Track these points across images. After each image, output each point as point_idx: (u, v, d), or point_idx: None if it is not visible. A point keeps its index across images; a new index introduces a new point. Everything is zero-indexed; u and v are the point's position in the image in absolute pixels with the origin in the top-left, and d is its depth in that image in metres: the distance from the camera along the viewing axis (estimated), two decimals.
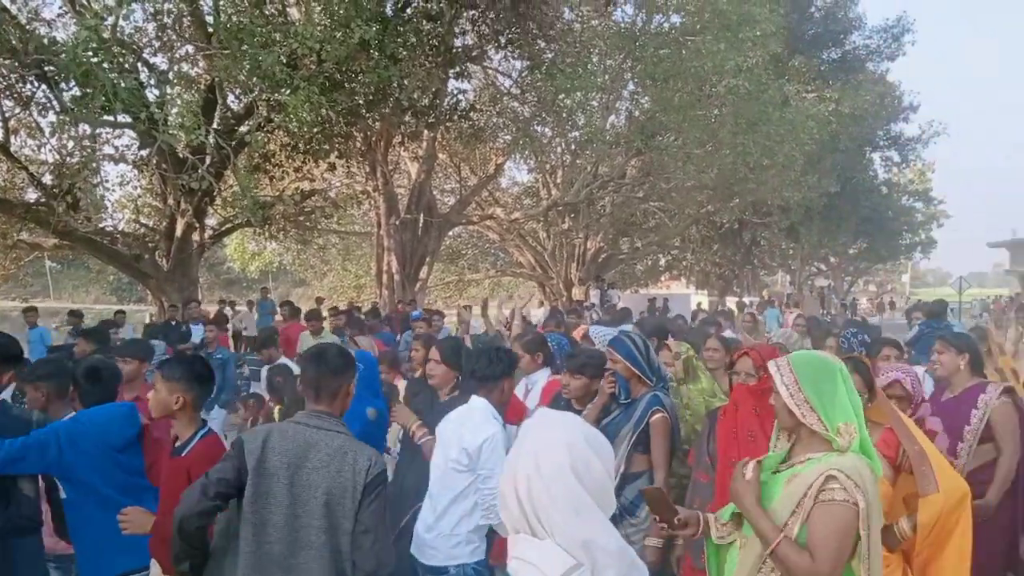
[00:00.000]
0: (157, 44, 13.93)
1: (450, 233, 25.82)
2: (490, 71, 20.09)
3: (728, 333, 8.58)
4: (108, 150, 15.02)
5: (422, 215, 19.62)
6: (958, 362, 4.68)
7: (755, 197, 23.63)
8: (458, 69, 15.93)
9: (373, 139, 18.10)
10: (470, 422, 4.10)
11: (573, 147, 21.59)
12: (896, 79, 35.16)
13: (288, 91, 11.56)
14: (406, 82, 13.28)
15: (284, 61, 11.61)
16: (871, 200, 36.51)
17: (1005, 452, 4.36)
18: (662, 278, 41.45)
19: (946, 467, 3.42)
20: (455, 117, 16.59)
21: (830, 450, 2.61)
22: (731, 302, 34.78)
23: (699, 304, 32.42)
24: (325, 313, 14.00)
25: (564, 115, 17.83)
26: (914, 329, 9.96)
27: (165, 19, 13.33)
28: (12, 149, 14.13)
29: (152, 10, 12.91)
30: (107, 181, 14.87)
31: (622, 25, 19.19)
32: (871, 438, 3.13)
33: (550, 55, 16.27)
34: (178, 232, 15.41)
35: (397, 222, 19.21)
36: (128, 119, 12.20)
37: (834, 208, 31.65)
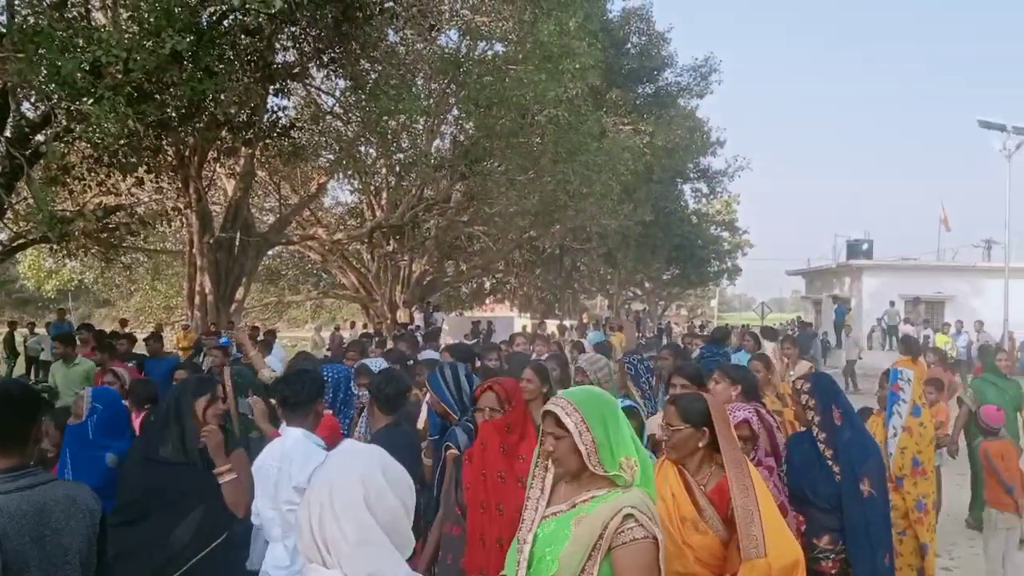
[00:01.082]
0: None
1: (269, 253, 25.03)
2: (312, 89, 19.71)
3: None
4: None
5: (239, 234, 18.88)
6: (731, 392, 4.74)
7: (575, 224, 24.36)
8: (278, 85, 15.49)
9: (186, 154, 17.29)
10: (296, 456, 3.91)
11: (398, 169, 21.49)
12: (704, 115, 37.44)
13: (91, 100, 10.83)
14: (222, 96, 12.75)
15: (87, 68, 10.88)
16: (682, 229, 38.53)
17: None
18: (487, 301, 41.91)
19: (780, 528, 3.12)
20: (275, 134, 16.10)
21: (612, 487, 2.54)
22: (552, 325, 35.65)
23: (524, 327, 32.96)
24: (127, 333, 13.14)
25: (388, 137, 17.70)
26: (695, 353, 10.46)
27: None
28: None
29: None
30: None
31: (446, 50, 19.34)
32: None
33: (374, 76, 16.13)
34: None
35: (211, 240, 18.39)
36: None
37: (648, 236, 33.13)
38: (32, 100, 13.17)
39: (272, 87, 15.29)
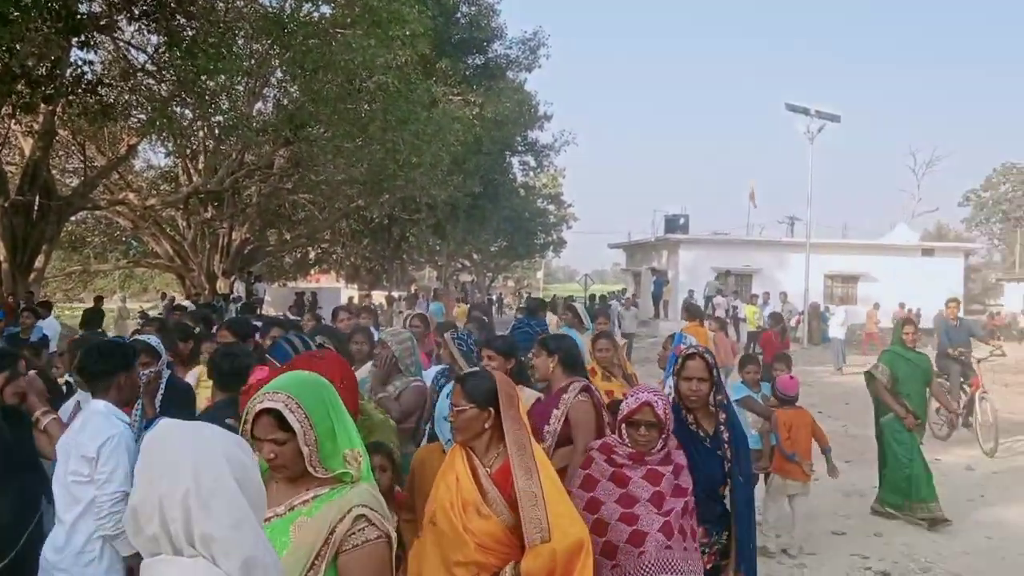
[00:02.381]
0: None
1: (73, 219, 23.23)
2: (122, 44, 18.35)
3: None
4: None
5: (37, 197, 17.36)
6: (548, 363, 4.53)
7: (404, 194, 24.06)
8: (83, 38, 14.27)
9: None
10: (90, 427, 3.71)
11: (217, 132, 20.42)
12: (533, 89, 37.84)
13: None
14: (18, 47, 11.62)
15: None
16: (511, 202, 39.00)
17: (577, 448, 4.15)
18: (312, 272, 40.92)
19: (567, 511, 3.03)
20: (79, 90, 14.86)
21: (335, 483, 2.34)
22: (380, 296, 35.29)
23: (351, 298, 32.46)
24: None
25: (206, 98, 16.75)
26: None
27: None
28: None
29: None
30: None
31: (269, 9, 18.48)
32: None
33: (191, 32, 15.19)
34: None
35: (6, 204, 16.82)
36: None
37: (477, 208, 33.27)
38: None
39: (76, 39, 14.08)
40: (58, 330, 12.24)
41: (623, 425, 3.67)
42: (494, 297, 37.41)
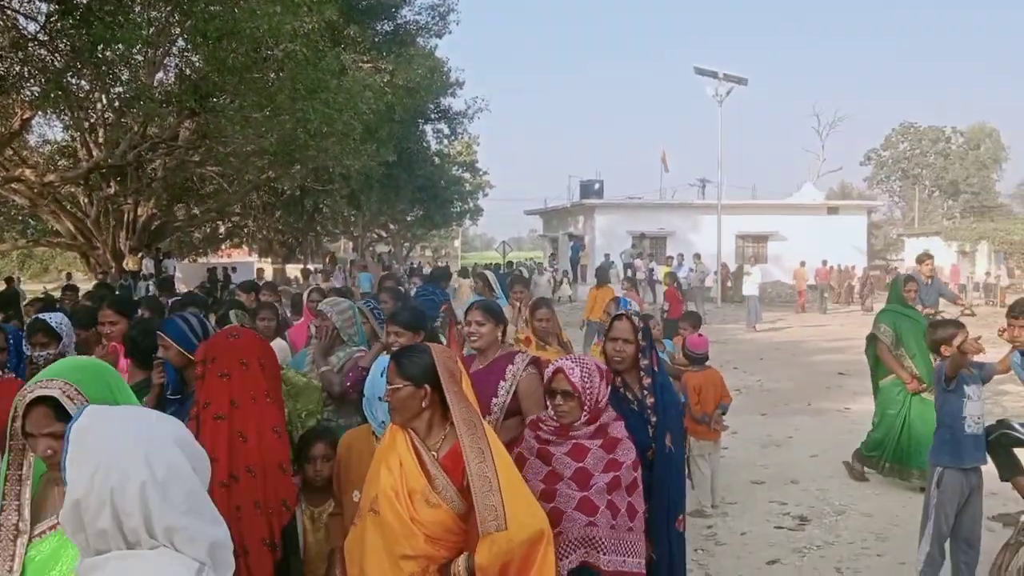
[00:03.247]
0: None
1: None
2: (10, 12, 17.38)
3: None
4: None
5: None
6: (496, 333, 4.31)
7: (316, 164, 23.59)
8: None
9: None
10: None
11: (117, 104, 19.58)
12: (444, 56, 37.35)
13: None
14: None
15: None
16: (426, 170, 38.70)
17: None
18: (223, 246, 39.92)
19: (524, 497, 2.83)
20: None
21: None
22: (295, 269, 34.69)
23: (260, 271, 31.81)
24: None
25: (104, 68, 16.04)
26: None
27: None
28: None
29: None
30: None
31: None
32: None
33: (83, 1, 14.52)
34: None
35: None
36: None
37: (392, 177, 32.92)
38: None
39: None
40: None
41: (547, 397, 3.55)
42: (415, 265, 37.03)
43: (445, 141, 43.64)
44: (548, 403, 3.51)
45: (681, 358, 7.52)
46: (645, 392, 3.90)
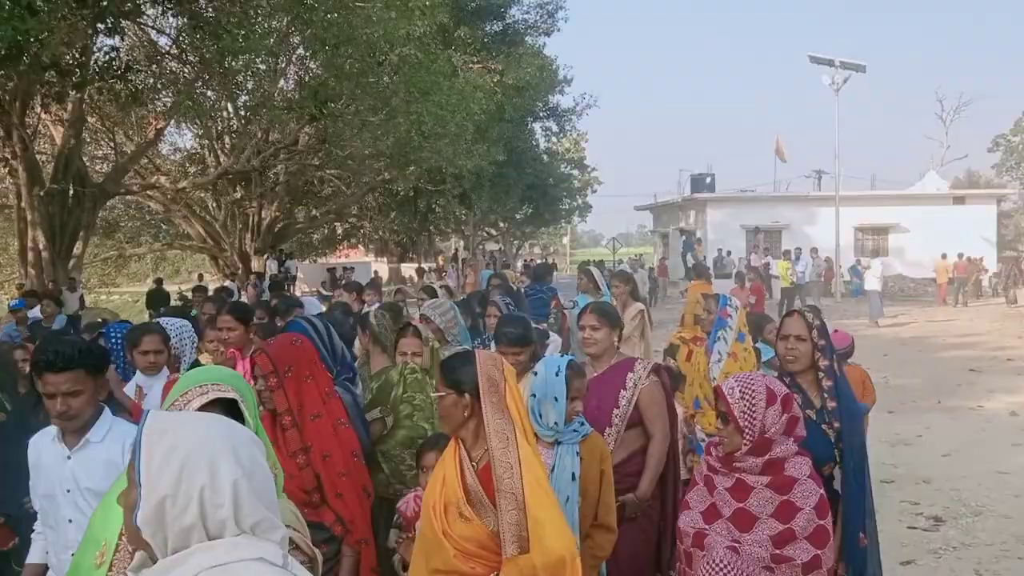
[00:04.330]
0: None
1: (106, 204, 23.54)
2: (146, 28, 18.44)
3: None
4: None
5: (72, 185, 17.59)
6: (612, 338, 3.97)
7: (429, 165, 24.07)
8: (109, 24, 14.37)
9: (7, 100, 15.87)
10: None
11: (242, 112, 20.51)
12: (552, 53, 37.50)
13: None
14: (45, 35, 11.72)
15: None
16: (535, 168, 38.87)
17: (656, 438, 3.78)
18: (340, 247, 41.16)
19: (551, 519, 2.58)
20: (108, 77, 15.00)
21: None
22: (410, 269, 35.48)
23: (375, 272, 32.61)
24: None
25: (230, 78, 16.82)
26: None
27: None
28: None
29: None
30: None
31: None
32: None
33: (212, 14, 15.26)
34: None
35: (42, 193, 17.05)
36: None
37: (502, 176, 33.22)
38: None
39: (102, 26, 14.19)
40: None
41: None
42: (527, 263, 37.24)
43: (554, 139, 43.80)
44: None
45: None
46: (825, 396, 3.44)
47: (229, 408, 2.13)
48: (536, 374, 3.34)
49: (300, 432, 3.29)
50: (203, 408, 2.11)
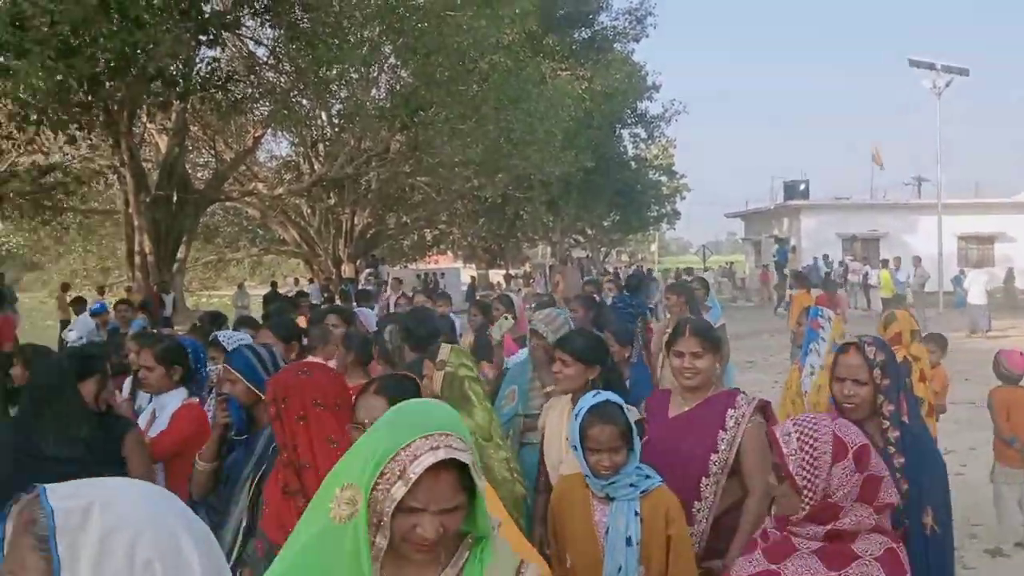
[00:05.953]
0: None
1: (206, 210, 24.49)
2: (244, 39, 19.13)
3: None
4: None
5: (175, 192, 18.37)
6: (716, 364, 3.31)
7: (518, 172, 24.25)
8: (211, 36, 14.99)
9: (115, 110, 16.71)
10: None
11: (336, 120, 21.05)
12: (641, 60, 37.34)
13: (15, 55, 10.34)
14: (151, 46, 12.30)
15: (9, 22, 10.37)
16: (623, 174, 38.68)
17: (756, 493, 3.03)
18: (429, 252, 41.73)
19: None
20: (210, 87, 15.63)
21: (459, 541, 1.79)
22: (497, 275, 35.72)
23: (473, 278, 32.97)
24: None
25: (324, 87, 17.29)
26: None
27: None
28: None
29: None
30: None
31: None
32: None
33: (307, 24, 15.74)
34: None
35: (148, 199, 17.87)
36: None
37: (590, 182, 33.18)
38: None
39: (204, 38, 14.81)
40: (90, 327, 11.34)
41: None
42: (613, 271, 37.09)
43: (642, 145, 43.52)
44: None
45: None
46: (891, 450, 2.78)
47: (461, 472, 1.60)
48: None
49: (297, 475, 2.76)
50: (429, 471, 1.54)
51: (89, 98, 13.90)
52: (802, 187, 37.71)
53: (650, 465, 2.84)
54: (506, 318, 6.70)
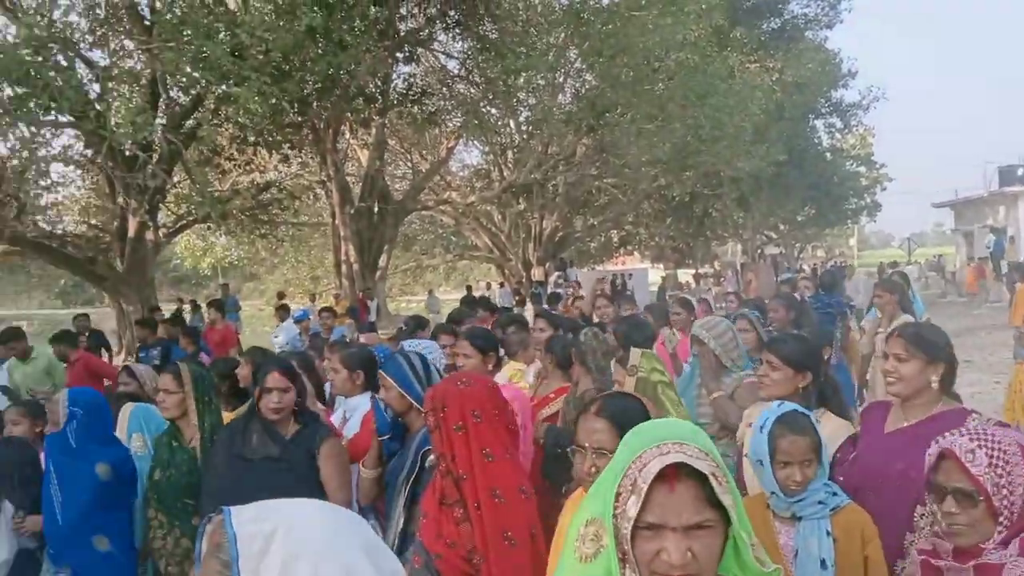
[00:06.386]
0: (91, 39, 13.56)
1: (404, 219, 25.73)
2: (436, 53, 19.98)
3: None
4: (50, 150, 14.68)
5: (376, 203, 19.48)
6: (929, 374, 2.81)
7: (706, 169, 23.84)
8: (407, 52, 15.81)
9: (320, 128, 17.94)
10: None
11: (526, 127, 21.54)
12: (835, 46, 35.69)
13: (235, 82, 11.36)
14: (353, 66, 13.12)
15: (229, 51, 11.40)
16: (817, 167, 37.10)
17: None
18: (616, 254, 41.72)
19: None
20: (406, 102, 16.47)
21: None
22: (686, 275, 35.23)
23: (663, 277, 32.68)
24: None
25: (512, 95, 17.76)
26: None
27: (99, 12, 13.03)
28: None
29: (83, 5, 12.61)
30: (54, 184, 14.57)
31: (563, 1, 19.18)
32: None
33: (495, 35, 16.23)
34: (131, 232, 15.11)
35: (352, 211, 19.05)
36: (70, 118, 11.90)
37: (782, 176, 32.07)
38: (181, 86, 13.90)
39: (400, 55, 15.62)
40: (294, 333, 11.46)
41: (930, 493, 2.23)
42: (809, 268, 35.64)
43: (838, 135, 41.59)
44: (935, 505, 2.18)
45: None
46: None
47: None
48: None
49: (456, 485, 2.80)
50: (663, 482, 1.41)
51: (299, 118, 15.01)
52: (1020, 172, 34.69)
53: (858, 485, 2.62)
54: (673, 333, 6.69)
